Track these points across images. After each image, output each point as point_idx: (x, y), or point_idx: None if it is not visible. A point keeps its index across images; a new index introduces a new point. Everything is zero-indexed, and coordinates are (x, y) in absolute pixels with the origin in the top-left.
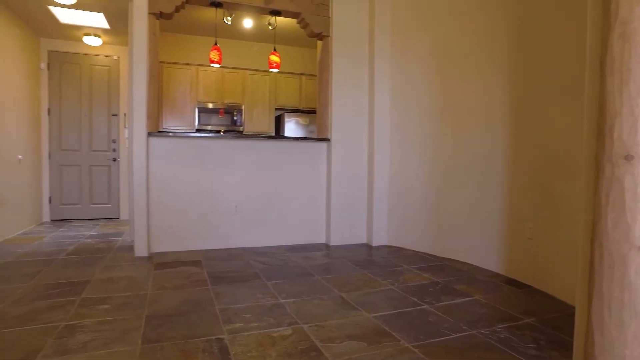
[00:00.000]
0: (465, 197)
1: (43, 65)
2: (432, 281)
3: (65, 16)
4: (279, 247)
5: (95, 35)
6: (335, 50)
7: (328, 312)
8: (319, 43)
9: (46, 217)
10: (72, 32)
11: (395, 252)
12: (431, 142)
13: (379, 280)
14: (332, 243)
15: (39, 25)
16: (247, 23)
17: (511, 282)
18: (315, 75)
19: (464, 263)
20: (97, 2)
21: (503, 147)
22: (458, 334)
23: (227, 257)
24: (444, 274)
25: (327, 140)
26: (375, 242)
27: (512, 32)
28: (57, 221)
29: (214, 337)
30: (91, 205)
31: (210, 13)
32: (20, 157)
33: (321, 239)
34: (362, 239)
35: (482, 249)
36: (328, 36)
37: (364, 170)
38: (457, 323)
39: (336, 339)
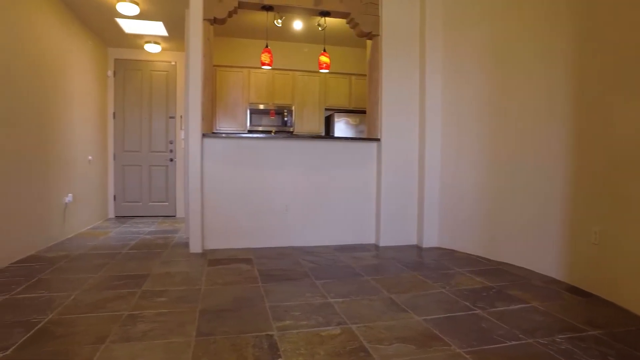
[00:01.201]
0: (522, 199)
1: (110, 73)
2: (485, 285)
3: (129, 26)
4: (327, 246)
5: (155, 42)
6: (385, 49)
7: (377, 313)
8: (369, 42)
9: (111, 214)
10: (135, 41)
11: (447, 255)
12: (486, 141)
13: (429, 283)
14: (382, 244)
15: (107, 36)
16: (297, 25)
17: (572, 289)
18: (365, 75)
19: (520, 268)
20: (158, 12)
21: (564, 146)
22: (513, 342)
23: (277, 256)
24: (498, 279)
25: (377, 140)
26: (426, 244)
27: (576, 21)
28: (120, 217)
29: (263, 334)
30: (150, 203)
31: (261, 16)
32: (90, 158)
33: (370, 239)
34: (412, 240)
35: (540, 254)
36: (378, 35)
37: (415, 170)
38: (512, 330)
39: (385, 340)
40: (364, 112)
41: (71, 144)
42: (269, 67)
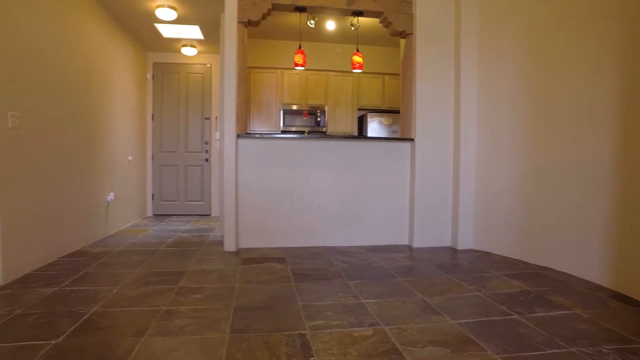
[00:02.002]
0: (563, 201)
1: (149, 76)
2: (523, 290)
3: (167, 31)
4: (360, 247)
5: (192, 45)
6: (419, 48)
7: (410, 315)
8: (402, 41)
9: (149, 212)
10: (173, 45)
11: (483, 257)
12: (524, 141)
13: (464, 286)
14: (415, 245)
15: (147, 41)
16: (330, 25)
17: (619, 297)
18: (398, 74)
19: (561, 272)
20: (194, 16)
21: (611, 145)
22: (554, 350)
23: (310, 255)
24: (537, 283)
25: (411, 140)
26: (461, 246)
27: (628, 6)
28: (158, 216)
29: (296, 332)
30: (186, 203)
31: (294, 18)
32: (130, 158)
33: (403, 240)
34: (447, 242)
35: (583, 258)
36: (411, 34)
37: (449, 171)
38: (552, 338)
39: (418, 343)
40: (397, 111)
41: (113, 145)
42: (302, 68)
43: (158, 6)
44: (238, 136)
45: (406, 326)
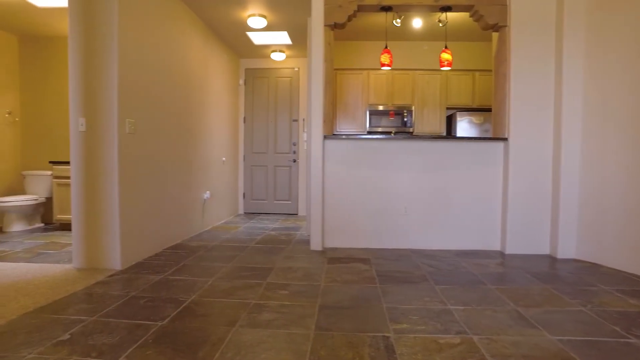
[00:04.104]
0: None
1: (241, 81)
2: None
3: (257, 38)
4: (448, 250)
5: (280, 50)
6: (514, 41)
7: (501, 326)
8: (495, 35)
9: (240, 210)
10: (262, 51)
11: (588, 269)
12: None
13: (565, 299)
14: (508, 251)
15: (240, 48)
16: (416, 23)
17: None
18: (490, 70)
19: None
20: (282, 22)
21: None
22: None
23: (395, 257)
24: None
25: (504, 139)
26: (561, 255)
27: None
28: (248, 214)
29: (380, 334)
30: (275, 202)
31: (380, 18)
32: (224, 159)
33: (495, 245)
34: (544, 250)
35: None
36: (505, 26)
37: (548, 172)
38: None
39: (510, 357)
40: (489, 110)
41: (209, 147)
42: (389, 68)
43: (250, 15)
44: (325, 137)
45: (497, 337)
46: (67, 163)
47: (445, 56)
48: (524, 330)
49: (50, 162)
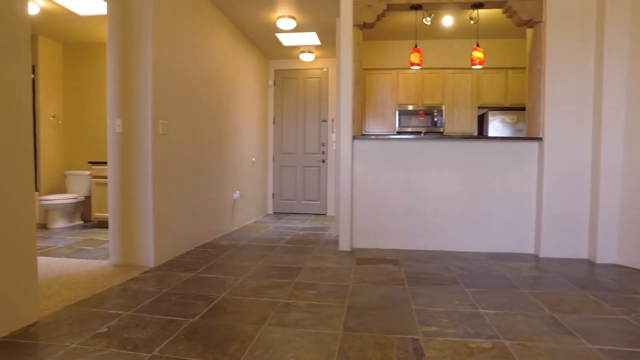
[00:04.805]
0: None
1: (271, 83)
2: None
3: (287, 40)
4: (478, 253)
5: (309, 51)
6: (549, 37)
7: (535, 332)
8: (529, 31)
9: (270, 210)
10: (291, 52)
11: (632, 275)
12: None
13: (605, 306)
14: (543, 255)
15: (269, 50)
16: (447, 21)
17: None
18: (524, 68)
19: None
20: (311, 23)
21: None
22: None
23: (424, 259)
24: None
25: (539, 139)
26: (601, 260)
27: None
28: (277, 214)
29: (409, 337)
30: (303, 202)
31: (409, 16)
32: (253, 159)
33: (528, 248)
34: (582, 254)
35: None
36: (540, 21)
37: (586, 173)
38: None
39: None
40: (522, 109)
41: (239, 147)
42: (419, 67)
43: (279, 17)
44: (354, 137)
45: (531, 343)
46: (105, 163)
47: (477, 54)
48: (560, 337)
49: (89, 162)
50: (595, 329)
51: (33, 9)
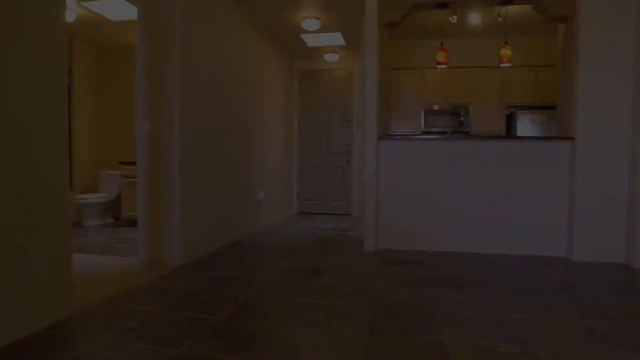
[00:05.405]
0: None
1: (296, 83)
2: None
3: (311, 40)
4: (506, 255)
5: (334, 52)
6: (583, 32)
7: (567, 339)
8: (561, 27)
9: (294, 210)
10: (316, 53)
11: None
12: None
13: None
14: (575, 258)
15: (294, 51)
16: (474, 19)
17: None
18: (554, 66)
19: None
20: (336, 24)
21: None
22: None
23: (450, 261)
24: None
25: (571, 138)
26: (639, 265)
27: None
28: (302, 214)
29: (435, 340)
30: (328, 202)
31: (435, 15)
32: (278, 160)
33: (559, 252)
34: (619, 258)
35: None
36: (573, 17)
37: (622, 173)
38: None
39: None
40: (553, 107)
41: (265, 148)
42: (445, 66)
43: (304, 18)
44: (379, 138)
45: (563, 351)
46: (134, 163)
47: (505, 52)
48: (595, 345)
49: (120, 162)
50: (636, 339)
51: (70, 16)
